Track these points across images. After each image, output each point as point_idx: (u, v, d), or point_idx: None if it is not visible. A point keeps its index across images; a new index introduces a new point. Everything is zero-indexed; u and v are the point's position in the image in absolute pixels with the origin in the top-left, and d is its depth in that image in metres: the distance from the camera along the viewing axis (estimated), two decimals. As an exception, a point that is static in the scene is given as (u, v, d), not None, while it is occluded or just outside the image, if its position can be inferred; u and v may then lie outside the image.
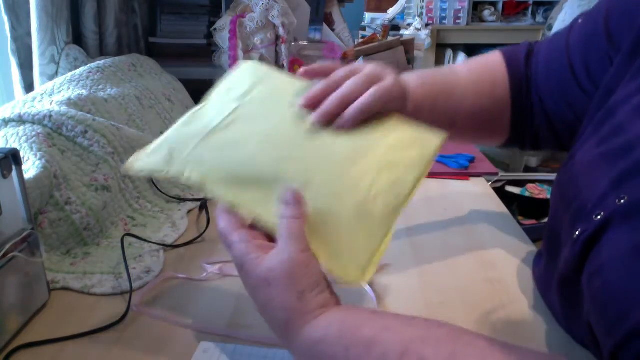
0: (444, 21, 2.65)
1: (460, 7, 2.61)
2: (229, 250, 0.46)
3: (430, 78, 0.66)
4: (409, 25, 2.59)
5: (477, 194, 0.94)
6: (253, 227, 0.47)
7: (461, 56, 2.64)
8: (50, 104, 0.81)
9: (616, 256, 0.42)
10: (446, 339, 0.39)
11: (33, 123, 0.75)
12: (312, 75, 0.55)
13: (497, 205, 0.89)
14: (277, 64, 1.21)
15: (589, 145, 0.55)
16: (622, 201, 0.44)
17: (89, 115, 0.81)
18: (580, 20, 0.64)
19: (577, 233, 0.48)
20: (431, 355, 0.37)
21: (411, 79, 0.63)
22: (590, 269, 0.45)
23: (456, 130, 0.66)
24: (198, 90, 1.22)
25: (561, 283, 0.52)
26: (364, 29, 2.64)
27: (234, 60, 1.17)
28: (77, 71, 0.95)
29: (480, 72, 0.70)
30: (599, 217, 0.46)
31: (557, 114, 0.64)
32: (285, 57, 1.19)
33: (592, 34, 0.60)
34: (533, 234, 0.78)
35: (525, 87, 0.67)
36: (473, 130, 0.70)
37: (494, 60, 0.70)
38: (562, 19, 1.75)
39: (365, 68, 0.55)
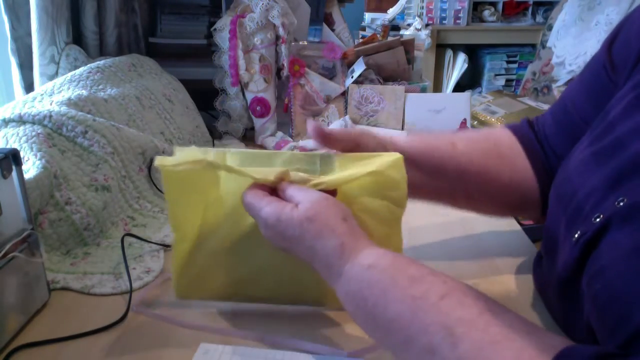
0: (444, 21, 2.64)
1: (460, 7, 2.60)
2: (259, 216, 0.50)
3: (419, 134, 0.68)
4: (409, 25, 2.58)
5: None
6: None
7: (461, 56, 2.63)
8: (50, 104, 0.81)
9: (617, 258, 0.42)
10: (484, 298, 0.42)
11: (33, 123, 0.75)
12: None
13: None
14: (277, 64, 1.21)
15: (583, 146, 0.55)
16: (622, 203, 0.44)
17: (89, 116, 0.81)
18: (576, 76, 0.65)
19: (576, 235, 0.48)
20: (470, 304, 0.41)
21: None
22: (590, 271, 0.45)
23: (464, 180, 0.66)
24: (198, 91, 1.23)
25: (560, 285, 0.52)
26: (364, 29, 2.63)
27: (234, 60, 1.17)
28: (77, 71, 0.95)
29: (477, 132, 0.72)
30: (598, 219, 0.45)
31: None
32: (285, 57, 1.19)
33: (593, 73, 0.61)
34: (533, 234, 0.78)
35: (533, 138, 0.67)
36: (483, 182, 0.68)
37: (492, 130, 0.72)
38: (562, 19, 1.74)
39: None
